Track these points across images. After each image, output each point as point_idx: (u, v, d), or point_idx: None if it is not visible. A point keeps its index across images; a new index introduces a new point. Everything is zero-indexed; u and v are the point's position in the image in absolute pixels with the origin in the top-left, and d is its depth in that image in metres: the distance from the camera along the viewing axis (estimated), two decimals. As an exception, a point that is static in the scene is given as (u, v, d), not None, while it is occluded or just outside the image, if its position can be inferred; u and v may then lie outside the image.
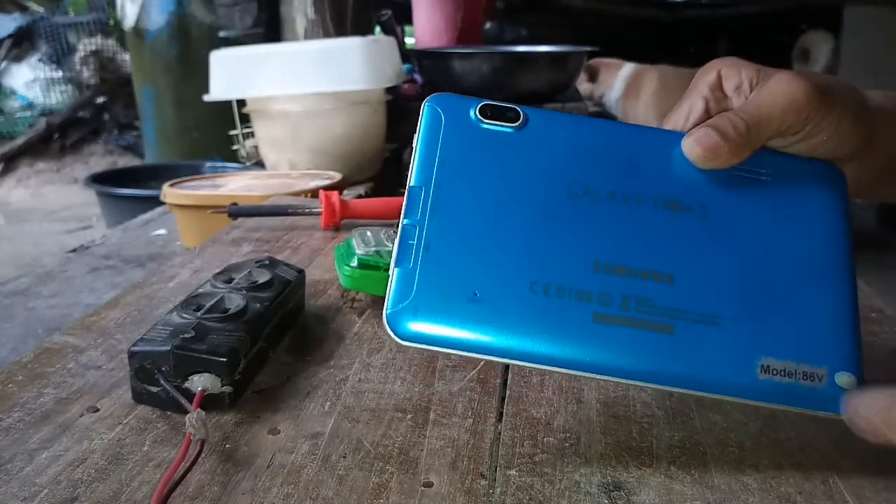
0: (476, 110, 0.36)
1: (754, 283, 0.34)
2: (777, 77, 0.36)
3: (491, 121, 0.36)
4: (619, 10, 3.89)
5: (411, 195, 0.34)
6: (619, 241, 0.34)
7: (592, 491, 0.35)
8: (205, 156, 2.66)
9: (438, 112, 0.36)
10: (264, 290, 0.49)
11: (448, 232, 0.34)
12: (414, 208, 0.34)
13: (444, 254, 0.33)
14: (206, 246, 0.74)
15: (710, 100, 0.38)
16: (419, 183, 0.35)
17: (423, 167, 0.35)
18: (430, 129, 0.36)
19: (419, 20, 2.13)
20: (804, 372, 0.33)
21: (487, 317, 0.33)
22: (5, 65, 4.31)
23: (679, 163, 0.36)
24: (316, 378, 0.46)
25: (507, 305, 0.33)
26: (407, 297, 0.33)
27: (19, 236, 3.08)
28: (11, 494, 0.34)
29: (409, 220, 0.34)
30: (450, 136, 0.36)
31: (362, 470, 0.36)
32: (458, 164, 0.35)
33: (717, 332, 0.33)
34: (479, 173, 0.35)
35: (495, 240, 0.34)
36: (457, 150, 0.35)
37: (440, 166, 0.35)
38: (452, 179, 0.35)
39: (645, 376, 0.33)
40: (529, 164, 0.35)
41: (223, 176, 1.28)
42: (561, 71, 1.69)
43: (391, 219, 0.77)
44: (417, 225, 0.34)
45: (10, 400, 0.43)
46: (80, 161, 4.19)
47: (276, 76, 1.38)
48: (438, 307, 0.33)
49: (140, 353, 0.41)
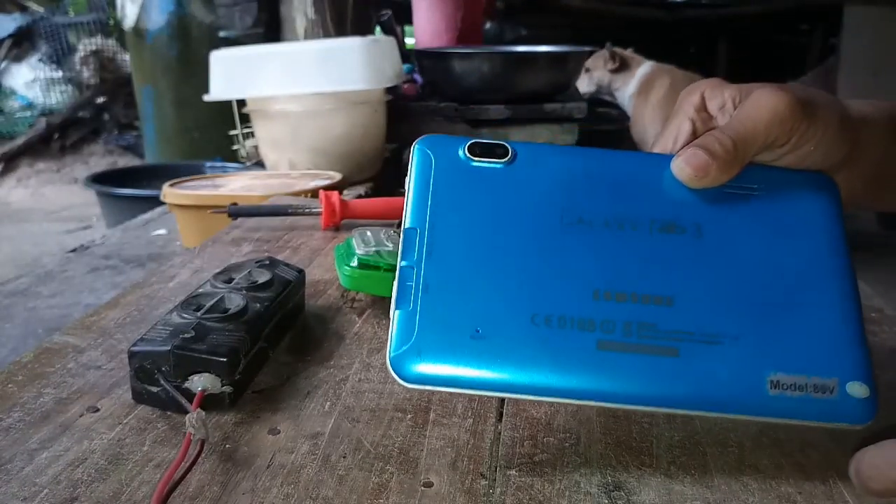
0: (465, 149, 0.37)
1: (756, 299, 0.34)
2: (758, 92, 0.36)
3: (480, 158, 0.36)
4: (619, 10, 3.89)
5: (407, 237, 0.35)
6: (616, 267, 0.34)
7: (592, 491, 0.35)
8: (205, 156, 2.66)
9: (428, 153, 0.36)
10: (264, 290, 0.49)
11: (446, 271, 0.34)
12: (410, 250, 0.34)
13: (443, 293, 0.33)
14: (206, 246, 0.74)
15: (697, 120, 0.38)
16: (414, 224, 0.35)
17: (417, 209, 0.35)
18: (421, 171, 0.36)
19: (419, 20, 2.13)
20: (815, 384, 0.32)
21: (491, 353, 0.32)
22: (5, 65, 4.31)
23: (671, 185, 0.36)
24: (316, 378, 0.46)
25: (510, 340, 0.33)
26: (409, 339, 0.33)
27: (19, 236, 3.08)
28: (11, 494, 0.34)
29: (407, 262, 0.34)
30: (441, 177, 0.36)
31: (362, 470, 0.36)
32: (451, 204, 0.35)
33: (722, 351, 0.33)
34: (472, 211, 0.35)
35: (493, 275, 0.34)
36: (449, 190, 0.36)
37: (433, 207, 0.35)
38: (446, 219, 0.35)
39: (654, 401, 0.32)
40: (521, 198, 0.36)
41: (223, 176, 1.29)
42: (561, 71, 1.68)
43: (391, 219, 0.77)
44: (415, 266, 0.34)
45: (10, 400, 0.43)
46: (80, 161, 4.19)
47: (276, 76, 1.38)
48: (441, 347, 0.33)
49: (140, 353, 0.41)
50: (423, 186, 0.36)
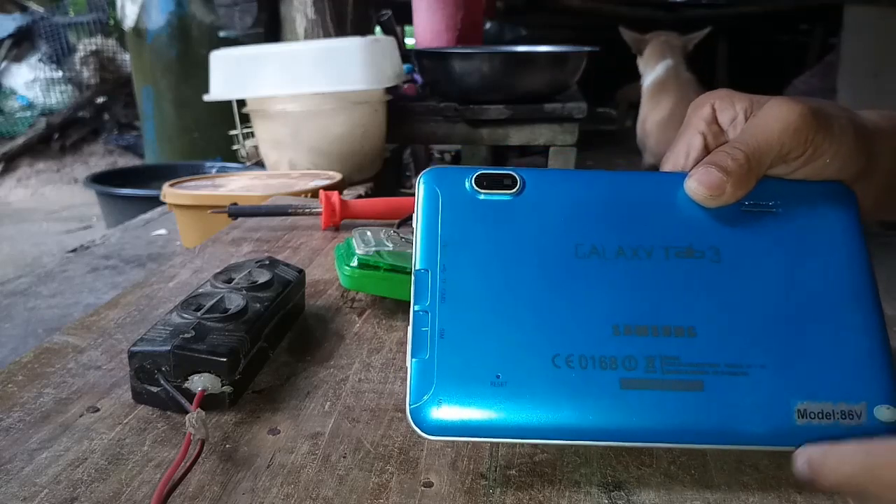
0: (471, 181, 0.35)
1: (779, 325, 0.33)
2: (770, 103, 0.35)
3: (488, 190, 0.35)
4: (619, 10, 3.89)
5: (419, 280, 0.33)
6: (634, 299, 0.33)
7: (592, 491, 0.35)
8: (205, 156, 2.66)
9: (435, 189, 0.35)
10: (264, 290, 0.49)
11: (461, 314, 0.33)
12: (423, 293, 0.33)
13: (460, 338, 0.32)
14: (206, 246, 0.74)
15: (708, 134, 0.37)
16: (425, 266, 0.34)
17: (427, 249, 0.34)
18: (428, 208, 0.35)
19: (419, 20, 2.12)
20: (842, 411, 0.31)
21: (514, 399, 0.31)
22: (5, 65, 4.31)
23: (684, 206, 0.35)
24: (316, 378, 0.46)
25: (531, 385, 0.32)
26: (428, 389, 0.31)
27: (19, 236, 3.08)
28: (11, 494, 0.34)
29: (420, 307, 0.33)
30: (449, 213, 0.35)
31: (362, 470, 0.36)
32: (462, 241, 0.34)
33: (748, 382, 0.32)
34: (483, 248, 0.34)
35: (510, 316, 0.33)
36: (458, 227, 0.34)
37: (444, 246, 0.34)
38: (458, 258, 0.34)
39: (680, 437, 0.31)
40: (532, 231, 0.34)
41: (223, 176, 1.28)
42: (561, 71, 1.68)
43: (391, 219, 0.77)
44: (429, 311, 0.33)
45: (10, 400, 0.43)
46: (80, 161, 4.19)
47: (276, 76, 1.38)
48: (462, 396, 0.31)
49: (140, 353, 0.41)
50: (432, 224, 0.34)
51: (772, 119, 0.34)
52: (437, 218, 0.35)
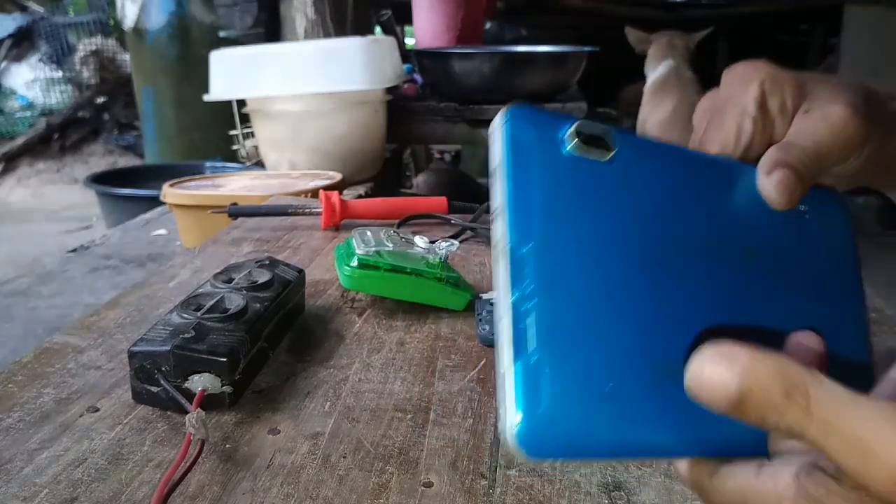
0: (570, 133, 0.28)
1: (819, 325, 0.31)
2: (828, 107, 0.33)
3: (586, 147, 0.28)
4: (620, 10, 3.89)
5: (517, 260, 0.26)
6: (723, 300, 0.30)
7: (592, 491, 0.35)
8: (205, 156, 2.66)
9: (527, 135, 0.28)
10: (264, 290, 0.49)
11: (567, 308, 0.26)
12: (524, 277, 0.26)
13: (568, 337, 0.26)
14: (206, 246, 0.74)
15: (759, 120, 0.34)
16: (523, 241, 0.26)
17: (522, 218, 0.27)
18: (519, 163, 0.27)
19: (419, 20, 2.13)
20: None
21: (627, 412, 0.27)
22: (5, 65, 4.31)
23: (747, 200, 0.31)
24: (316, 378, 0.46)
25: (643, 396, 0.27)
26: (537, 402, 0.25)
27: (19, 236, 3.08)
28: (11, 494, 0.34)
29: (520, 295, 0.26)
30: (544, 173, 0.28)
31: (362, 470, 0.36)
32: (560, 213, 0.27)
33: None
34: (582, 223, 0.28)
35: (614, 314, 0.27)
36: (554, 193, 0.27)
37: (545, 217, 0.27)
38: (557, 234, 0.27)
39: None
40: (626, 208, 0.29)
41: (223, 176, 1.28)
42: (561, 71, 1.68)
43: (391, 219, 0.77)
44: (534, 300, 0.26)
45: (10, 400, 0.43)
46: (80, 161, 4.19)
47: (276, 76, 1.38)
48: (576, 411, 0.26)
49: (140, 353, 0.41)
50: (526, 184, 0.27)
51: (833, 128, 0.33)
52: (533, 178, 0.27)
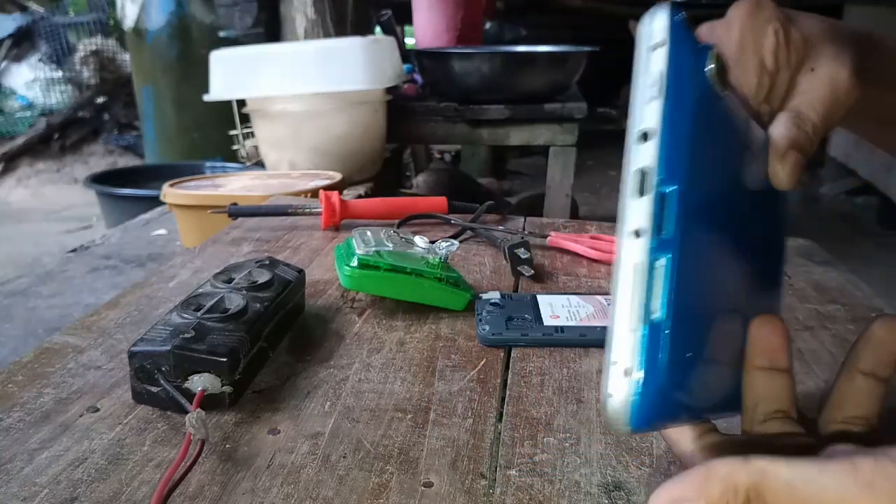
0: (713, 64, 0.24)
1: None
2: (834, 73, 0.33)
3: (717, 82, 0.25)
4: (619, 10, 3.89)
5: (659, 199, 0.22)
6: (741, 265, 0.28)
7: (592, 491, 0.35)
8: (205, 156, 2.66)
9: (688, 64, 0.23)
10: (264, 290, 0.49)
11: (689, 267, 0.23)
12: (666, 220, 0.22)
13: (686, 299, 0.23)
14: (206, 246, 0.74)
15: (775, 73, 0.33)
16: (668, 178, 0.22)
17: (674, 153, 0.22)
18: (680, 93, 0.23)
19: (419, 20, 2.13)
20: None
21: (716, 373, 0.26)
22: (5, 65, 4.31)
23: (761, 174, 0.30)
24: (316, 378, 0.46)
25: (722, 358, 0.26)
26: (656, 369, 0.22)
27: (19, 236, 3.08)
28: (11, 494, 0.34)
29: (656, 244, 0.22)
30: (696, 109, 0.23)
31: (362, 470, 0.36)
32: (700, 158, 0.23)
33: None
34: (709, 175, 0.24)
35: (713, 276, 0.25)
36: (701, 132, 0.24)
37: (691, 159, 0.23)
38: (696, 182, 0.23)
39: None
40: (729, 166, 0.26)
41: (223, 176, 1.28)
42: (561, 71, 1.68)
43: (391, 219, 0.77)
44: (671, 247, 0.22)
45: (10, 400, 0.43)
46: (80, 161, 4.19)
47: (276, 76, 1.38)
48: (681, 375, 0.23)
49: (140, 353, 0.41)
50: (680, 118, 0.23)
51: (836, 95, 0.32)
52: (686, 109, 0.23)
